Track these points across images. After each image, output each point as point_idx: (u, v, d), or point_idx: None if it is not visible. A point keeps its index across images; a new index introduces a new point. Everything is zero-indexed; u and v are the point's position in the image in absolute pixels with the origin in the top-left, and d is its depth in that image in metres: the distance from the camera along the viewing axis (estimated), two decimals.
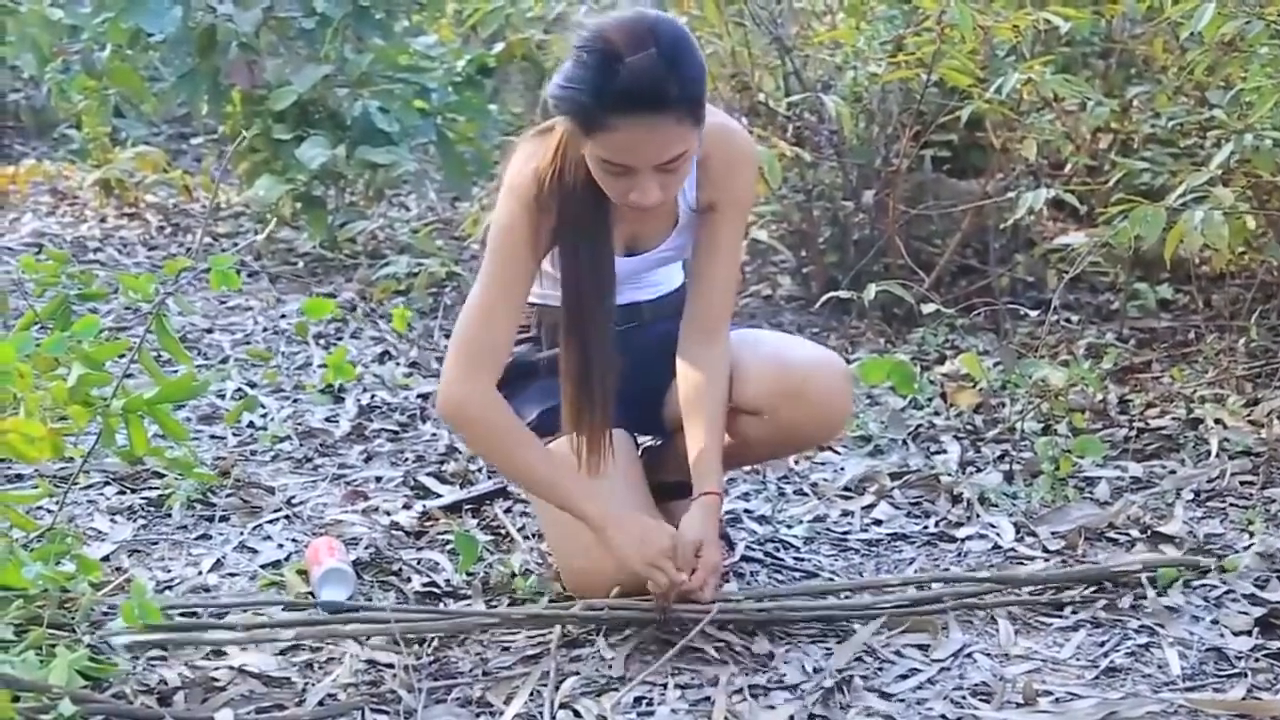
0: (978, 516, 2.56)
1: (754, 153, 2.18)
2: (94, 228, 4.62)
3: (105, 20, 4.45)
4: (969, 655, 1.98)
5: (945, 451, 2.92)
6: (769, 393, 2.11)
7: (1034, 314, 3.56)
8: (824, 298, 3.45)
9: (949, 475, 2.74)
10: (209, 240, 4.44)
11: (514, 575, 2.24)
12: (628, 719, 1.77)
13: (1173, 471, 2.74)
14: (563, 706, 1.80)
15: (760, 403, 2.12)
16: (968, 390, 3.17)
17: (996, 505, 2.60)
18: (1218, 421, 2.92)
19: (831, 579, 2.29)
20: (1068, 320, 3.67)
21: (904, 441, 2.99)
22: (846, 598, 2.17)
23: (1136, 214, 2.81)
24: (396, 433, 3.08)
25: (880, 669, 1.94)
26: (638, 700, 1.83)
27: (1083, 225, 3.76)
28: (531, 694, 1.83)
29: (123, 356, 2.21)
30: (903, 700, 1.84)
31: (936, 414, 3.14)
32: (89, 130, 4.89)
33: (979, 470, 2.81)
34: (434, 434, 3.06)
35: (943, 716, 1.80)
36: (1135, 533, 2.44)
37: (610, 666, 1.91)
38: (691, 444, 2.09)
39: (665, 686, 1.86)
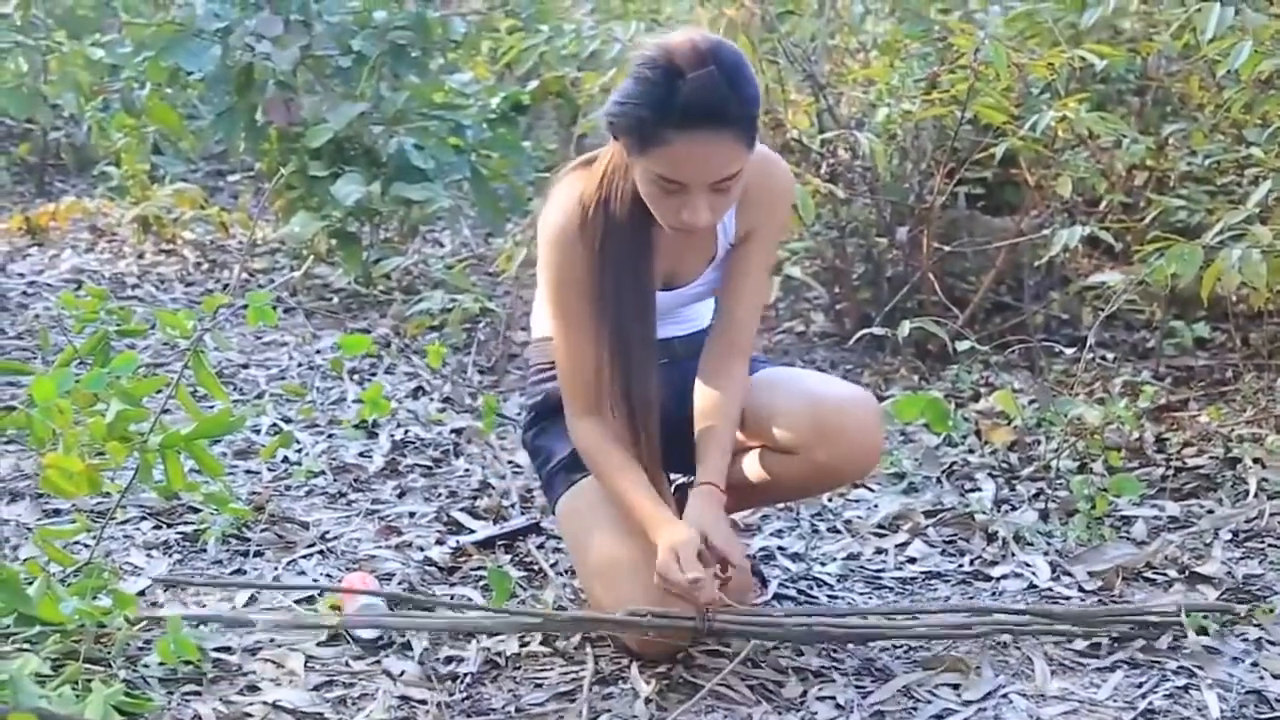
0: (1013, 555, 2.55)
1: (792, 184, 2.21)
2: (132, 264, 4.67)
3: (145, 59, 4.52)
4: (1004, 695, 1.97)
5: (980, 489, 2.91)
6: (802, 430, 2.12)
7: (1069, 351, 3.55)
8: (858, 334, 3.45)
9: (984, 513, 2.73)
10: (245, 276, 4.49)
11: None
12: None
13: (1210, 511, 2.72)
14: None
15: (793, 441, 2.12)
16: (1002, 428, 3.16)
17: (1032, 544, 2.59)
18: (1256, 461, 2.90)
19: (863, 615, 2.27)
20: (1103, 358, 3.66)
21: (938, 479, 2.98)
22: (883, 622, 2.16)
23: (1173, 252, 2.80)
24: (430, 468, 3.09)
25: (914, 709, 1.93)
26: None
27: (1118, 263, 3.74)
28: None
29: (160, 392, 2.24)
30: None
31: (971, 451, 3.13)
32: (128, 167, 4.96)
33: (1014, 508, 2.80)
34: (467, 469, 3.07)
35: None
36: (1173, 573, 2.42)
37: (644, 704, 1.91)
38: (701, 451, 2.10)
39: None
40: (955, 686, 2.00)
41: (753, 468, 2.19)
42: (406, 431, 3.30)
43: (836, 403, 2.14)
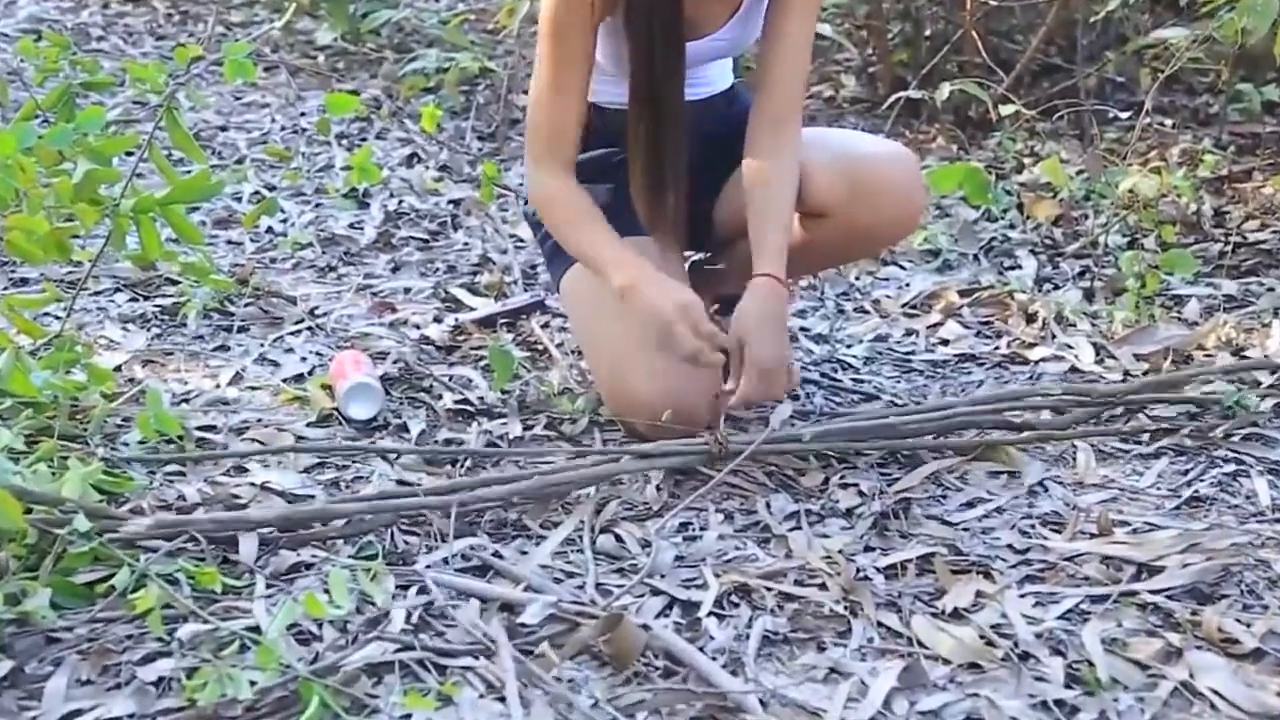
0: (1053, 337, 2.53)
1: None
2: (96, 13, 4.56)
3: None
4: (1040, 483, 1.97)
5: (1020, 267, 2.88)
6: (837, 189, 2.08)
7: (1123, 117, 3.46)
8: (891, 99, 3.37)
9: (1023, 292, 2.71)
10: (221, 30, 4.37)
11: (553, 394, 2.24)
12: (672, 544, 1.78)
13: (1270, 289, 2.69)
14: (603, 531, 1.82)
15: (827, 201, 2.09)
16: (1047, 201, 3.11)
17: (1075, 325, 2.57)
18: None
19: (893, 402, 2.27)
20: (1161, 124, 3.58)
21: (975, 256, 2.95)
22: (908, 419, 2.16)
23: (1245, 4, 2.70)
24: (426, 241, 3.07)
25: (943, 496, 1.93)
26: (682, 526, 1.84)
27: (1182, 18, 3.63)
28: (565, 512, 1.84)
29: (131, 153, 2.19)
30: (966, 529, 1.83)
31: (1012, 227, 3.09)
32: None
33: (1057, 287, 2.77)
34: (466, 243, 3.04)
35: (1009, 546, 1.79)
36: (1226, 356, 2.40)
37: (655, 491, 1.92)
38: (755, 235, 2.06)
39: (710, 512, 1.87)
40: (991, 474, 2.00)
41: None
42: (400, 202, 3.26)
43: (874, 159, 2.10)
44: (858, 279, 2.84)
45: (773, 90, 2.09)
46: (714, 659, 1.52)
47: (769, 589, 1.67)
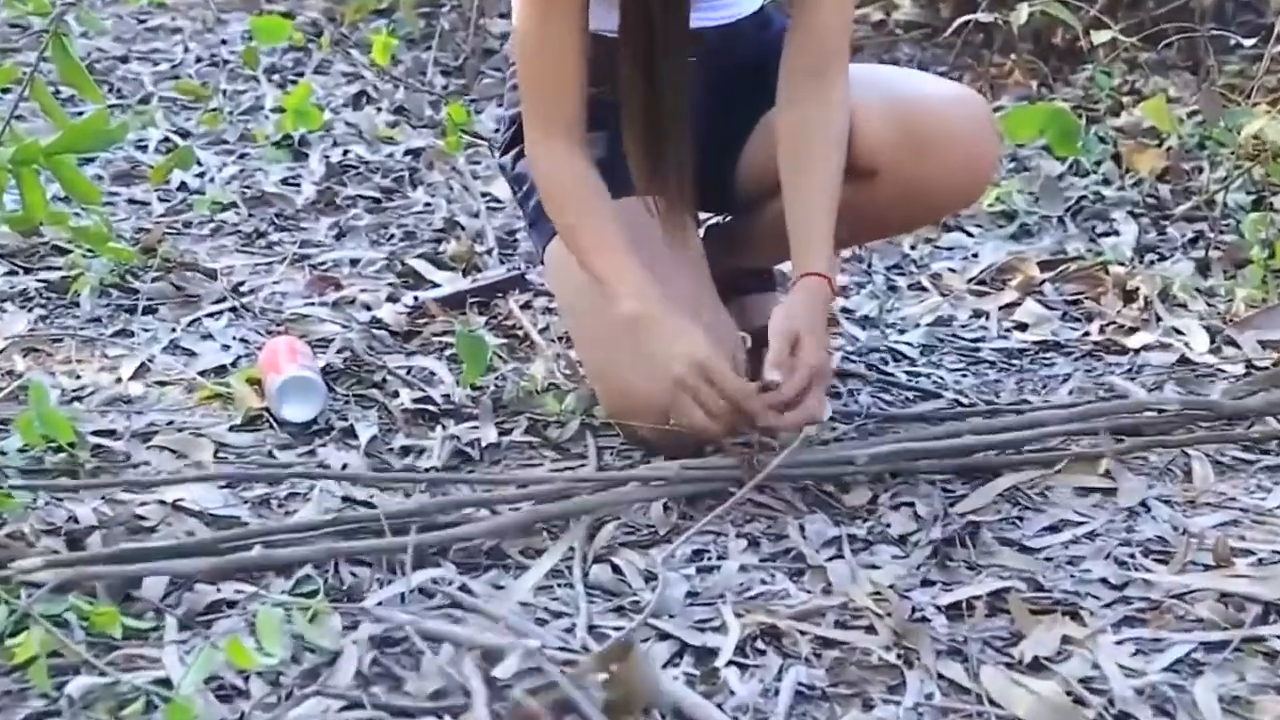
0: (1158, 320, 2.53)
1: None
2: None
3: None
4: (1142, 502, 1.97)
5: (1117, 233, 2.89)
6: (888, 142, 2.08)
7: (1248, 45, 3.46)
8: (957, 24, 3.37)
9: (1121, 264, 2.71)
10: None
11: (535, 391, 2.25)
12: (683, 577, 1.78)
13: None
14: (598, 560, 1.82)
15: (877, 156, 2.09)
16: (1151, 150, 3.12)
17: (1184, 305, 2.58)
18: None
19: (958, 403, 2.28)
20: None
21: (1060, 219, 2.96)
22: (977, 424, 2.17)
23: None
24: (378, 201, 3.08)
25: (1020, 517, 1.94)
26: (696, 554, 1.85)
27: None
28: (551, 536, 1.85)
29: (8, 90, 2.20)
30: (1049, 558, 1.84)
31: (1106, 182, 3.09)
32: None
33: (1163, 258, 2.78)
34: (427, 204, 3.06)
35: (1103, 580, 1.79)
36: None
37: (661, 510, 1.93)
38: (793, 212, 2.07)
39: (730, 537, 1.88)
40: (1080, 490, 2.00)
41: None
42: (346, 152, 3.27)
43: (935, 102, 2.10)
44: (913, 249, 2.84)
45: (813, 24, 2.09)
46: (735, 719, 1.53)
47: (803, 632, 1.67)
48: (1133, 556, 1.85)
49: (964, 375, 2.39)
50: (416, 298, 2.59)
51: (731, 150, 2.26)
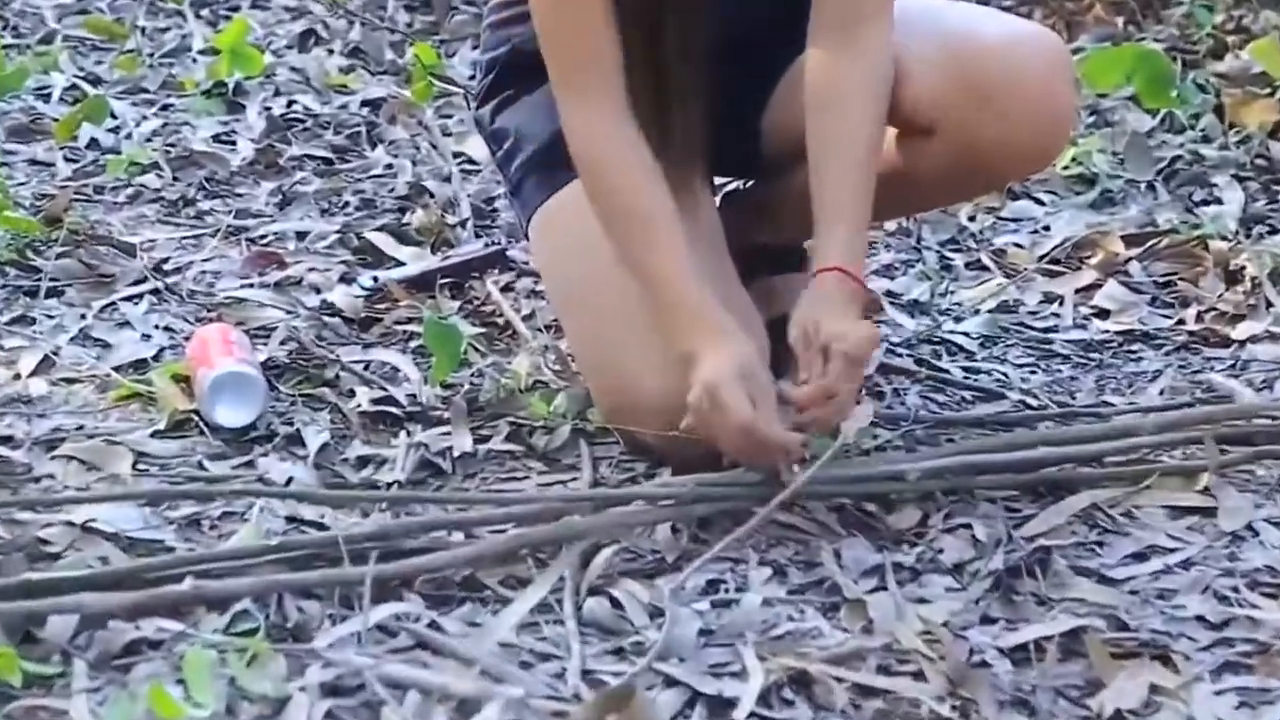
0: (1268, 305, 2.54)
1: None
2: None
3: None
4: (1248, 525, 1.97)
5: (1219, 201, 2.89)
6: (943, 95, 2.08)
7: None
8: None
9: (1224, 239, 2.71)
10: None
11: (518, 390, 2.25)
12: (695, 613, 1.78)
13: None
14: (593, 592, 1.82)
15: (929, 111, 2.09)
16: (1260, 101, 3.12)
17: None
18: None
19: (1025, 405, 2.28)
20: None
21: (1150, 185, 2.96)
22: (1048, 431, 2.17)
23: None
24: (330, 163, 3.08)
25: (1100, 543, 1.94)
26: (710, 585, 1.85)
27: None
28: (538, 564, 1.84)
29: None
30: (1135, 591, 1.84)
31: (1206, 139, 3.10)
32: None
33: (1274, 231, 2.78)
34: (389, 166, 3.06)
35: (1199, 619, 1.80)
36: None
37: (670, 532, 1.93)
38: (816, 185, 2.07)
39: (752, 565, 1.88)
40: (1173, 511, 2.00)
41: None
42: (290, 103, 3.28)
43: (998, 47, 2.10)
44: (971, 220, 2.84)
45: None
46: None
47: (839, 679, 1.66)
48: (1236, 590, 1.85)
49: (1032, 372, 2.39)
50: (376, 278, 2.59)
51: (756, 101, 2.26)
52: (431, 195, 2.92)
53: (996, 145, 2.11)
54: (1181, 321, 2.53)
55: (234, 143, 3.10)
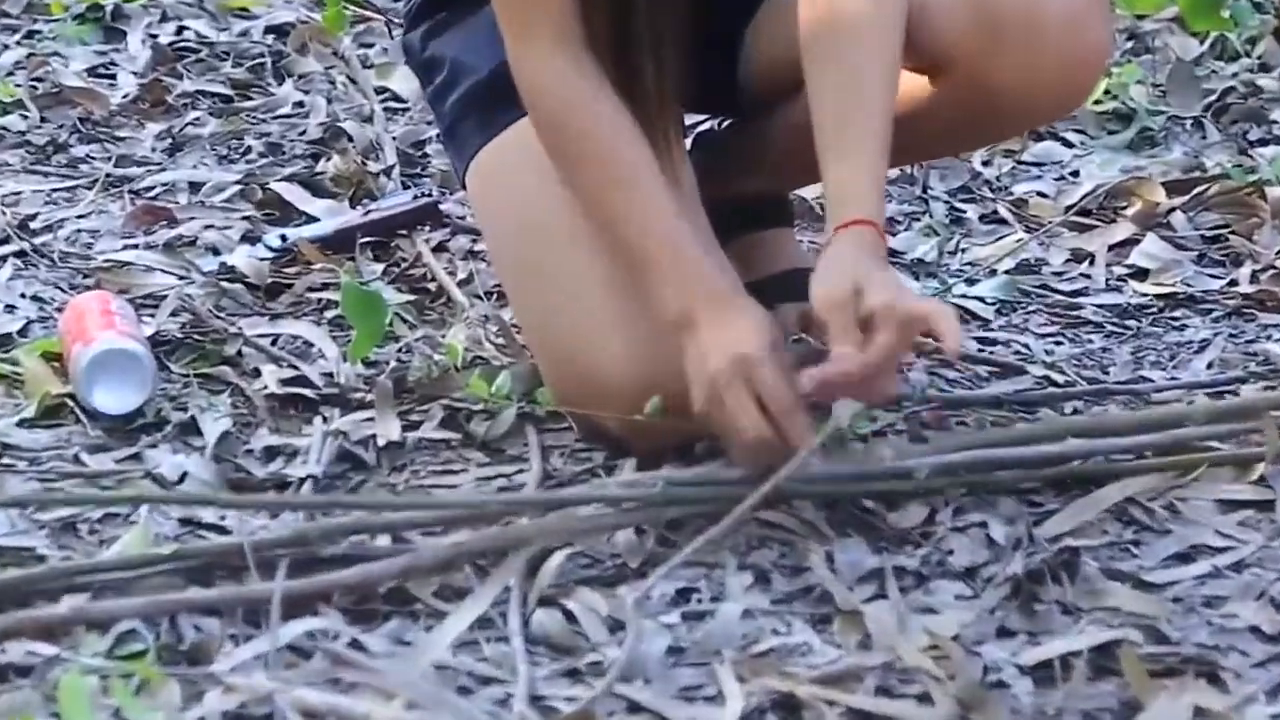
0: None
1: None
2: None
3: None
4: None
5: (1277, 139, 2.92)
6: (963, 28, 2.10)
7: None
8: None
9: None
10: None
11: (454, 368, 2.27)
12: (663, 626, 1.80)
13: None
14: (543, 603, 1.83)
15: (945, 44, 2.12)
16: None
17: None
18: None
19: (1050, 381, 2.30)
20: None
21: (1197, 122, 2.98)
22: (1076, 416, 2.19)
23: None
24: (228, 100, 3.09)
25: (1136, 542, 1.96)
26: (681, 595, 1.86)
27: None
28: (478, 572, 1.86)
29: None
30: (1178, 599, 1.85)
31: (1265, 68, 3.13)
32: None
33: None
34: (300, 104, 3.06)
35: (1253, 630, 1.81)
36: None
37: (633, 534, 1.94)
38: (828, 129, 2.07)
39: (730, 571, 1.89)
40: (1223, 505, 2.01)
41: None
42: (180, 30, 3.27)
43: None
44: (986, 165, 2.86)
45: None
46: None
47: (831, 702, 1.67)
48: None
49: (1058, 343, 2.41)
50: (284, 237, 2.60)
51: (735, 25, 2.28)
52: (350, 139, 2.92)
53: (1018, 85, 2.13)
54: (1233, 283, 2.55)
55: (113, 77, 3.10)
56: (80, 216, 2.67)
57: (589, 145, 2.07)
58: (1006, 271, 2.59)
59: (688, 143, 2.36)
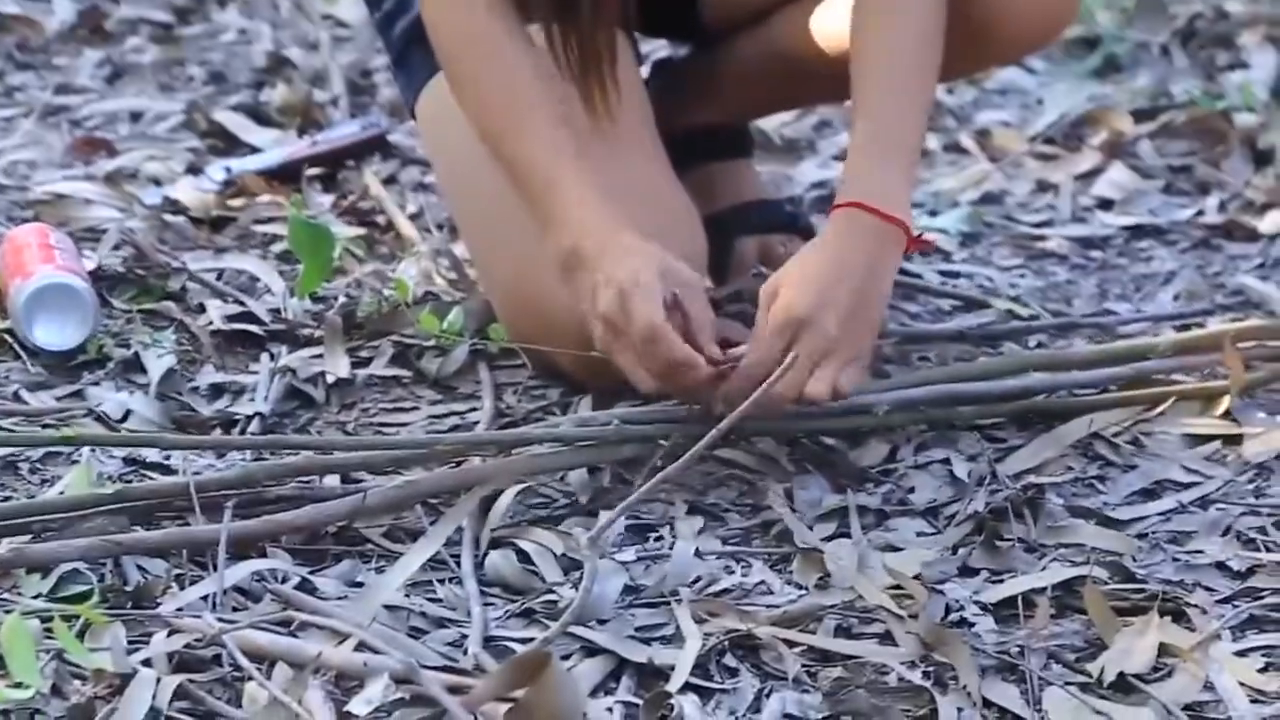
0: None
1: None
2: None
3: None
4: (1277, 455, 2.00)
5: (1246, 66, 2.92)
6: None
7: None
8: None
9: (1249, 111, 2.75)
10: None
11: (404, 304, 2.27)
12: (619, 565, 1.80)
13: None
14: (496, 544, 1.84)
15: None
16: None
17: None
18: None
19: (1013, 315, 2.31)
20: None
21: (1164, 48, 2.99)
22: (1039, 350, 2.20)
23: None
24: (168, 27, 3.07)
25: (1101, 478, 1.97)
26: (636, 533, 1.87)
27: None
28: (429, 512, 1.87)
29: None
30: (1143, 535, 1.86)
31: None
32: None
33: None
34: (243, 31, 3.05)
35: (1219, 566, 1.82)
36: None
37: (585, 472, 1.95)
38: (856, 97, 2.05)
39: (682, 511, 1.90)
40: (1190, 440, 2.02)
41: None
42: None
43: None
44: (950, 93, 2.85)
45: None
46: None
47: (790, 643, 1.68)
48: (1263, 531, 1.87)
49: (1022, 275, 2.42)
50: (228, 169, 2.59)
51: None
52: (295, 67, 2.91)
53: (993, 18, 2.11)
54: (1200, 213, 2.56)
55: (49, 2, 3.08)
56: (17, 147, 2.66)
57: (484, 80, 2.07)
58: (970, 203, 2.60)
59: (645, 70, 2.34)
